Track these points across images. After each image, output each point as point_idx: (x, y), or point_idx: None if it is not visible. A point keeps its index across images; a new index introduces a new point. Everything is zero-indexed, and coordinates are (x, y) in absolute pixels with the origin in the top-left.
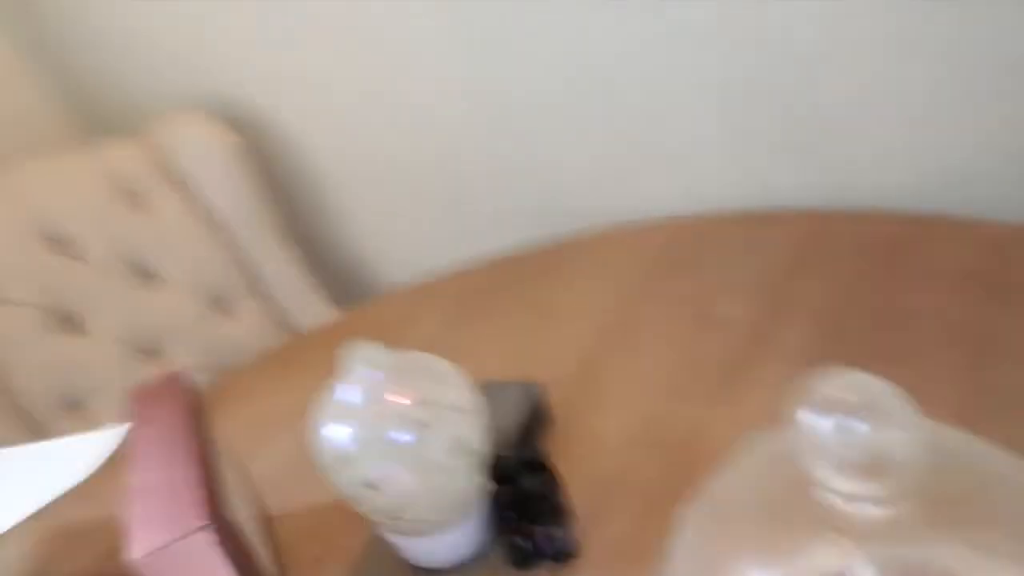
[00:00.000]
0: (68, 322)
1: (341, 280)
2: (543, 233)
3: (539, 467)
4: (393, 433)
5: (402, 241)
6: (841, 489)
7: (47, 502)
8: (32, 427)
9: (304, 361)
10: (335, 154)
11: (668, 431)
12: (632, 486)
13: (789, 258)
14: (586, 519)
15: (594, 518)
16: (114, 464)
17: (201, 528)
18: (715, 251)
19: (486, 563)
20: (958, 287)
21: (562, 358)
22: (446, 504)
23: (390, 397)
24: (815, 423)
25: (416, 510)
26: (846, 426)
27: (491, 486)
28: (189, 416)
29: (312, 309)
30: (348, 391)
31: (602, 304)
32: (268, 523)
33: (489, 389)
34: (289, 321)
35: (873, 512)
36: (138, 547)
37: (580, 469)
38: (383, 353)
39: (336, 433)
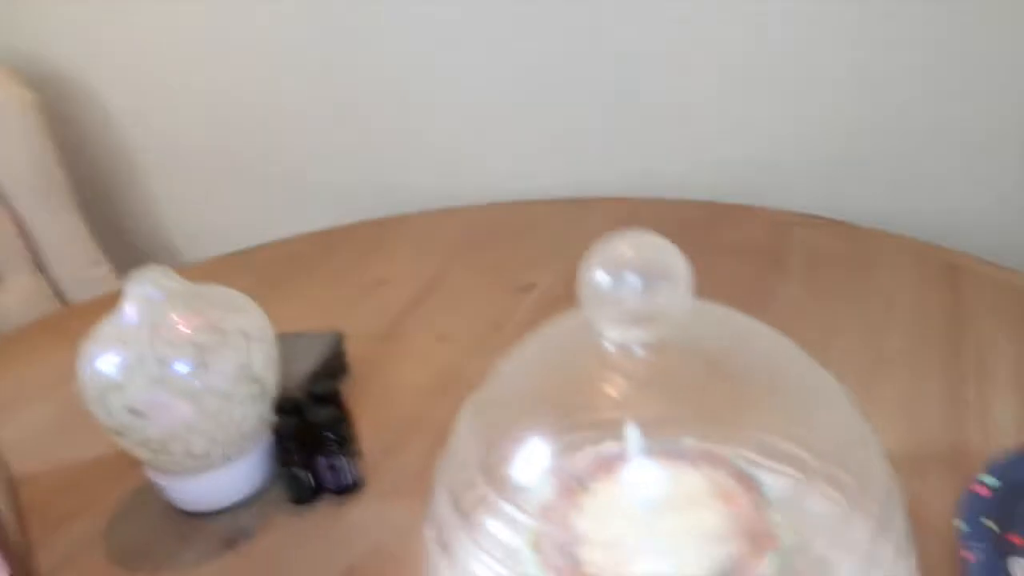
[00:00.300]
0: None
1: (141, 260)
2: (368, 215)
3: (326, 400)
4: (169, 359)
5: (214, 221)
6: (614, 337)
7: None
8: None
9: (74, 330)
10: (148, 123)
11: (463, 380)
12: (423, 428)
13: (600, 235)
14: (374, 456)
15: (382, 455)
16: None
17: None
18: (534, 230)
19: (263, 504)
20: (745, 259)
21: (369, 319)
22: (224, 436)
23: (170, 321)
24: (598, 276)
25: (189, 442)
26: (624, 279)
27: (274, 419)
28: None
29: (96, 286)
30: (123, 313)
31: (417, 274)
32: (11, 485)
33: (285, 338)
34: (68, 298)
35: (642, 357)
36: None
37: (373, 413)
38: (169, 277)
39: (104, 358)
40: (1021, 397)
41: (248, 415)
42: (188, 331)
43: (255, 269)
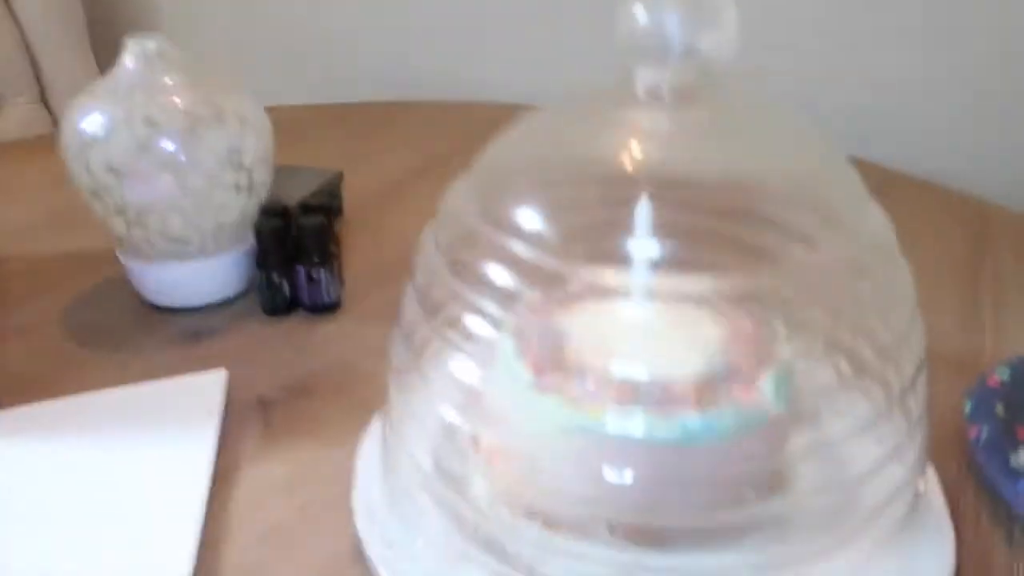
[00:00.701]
0: None
1: None
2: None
3: (317, 210)
4: (157, 122)
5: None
6: (645, 78)
7: None
8: None
9: None
10: None
11: None
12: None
13: None
14: (357, 287)
15: (366, 287)
16: None
17: None
18: None
19: (235, 310)
20: None
21: (371, 177)
22: (202, 221)
23: (165, 84)
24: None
25: (166, 220)
26: (661, 17)
27: (259, 219)
28: None
29: None
30: (119, 68)
31: (427, 149)
32: None
33: (283, 168)
34: None
35: (671, 106)
36: None
37: (362, 253)
38: (171, 46)
39: (93, 114)
40: None
41: (231, 205)
42: (182, 99)
43: None
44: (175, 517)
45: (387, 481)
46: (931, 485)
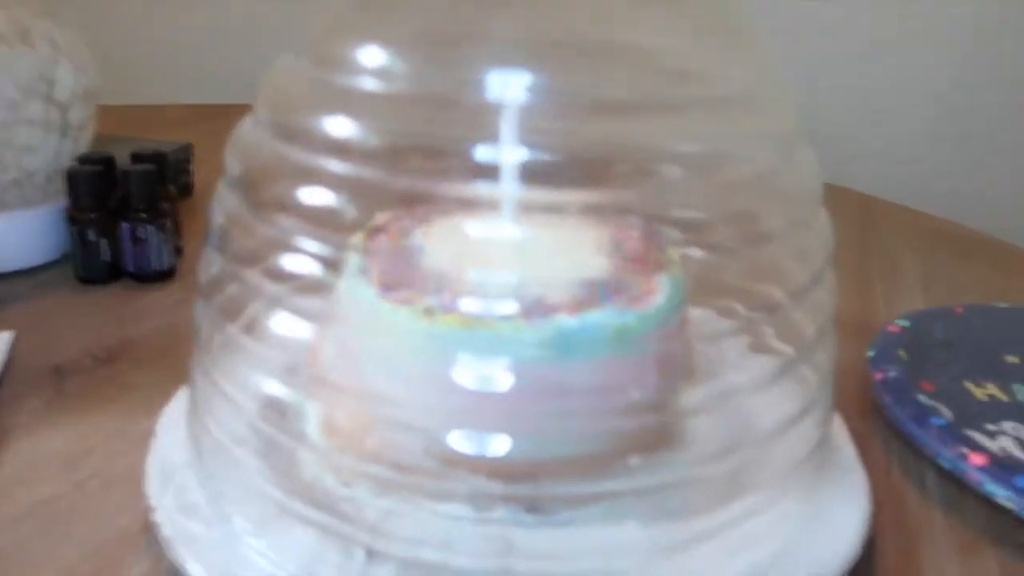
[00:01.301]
0: None
1: None
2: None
3: (149, 160)
4: None
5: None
6: None
7: None
8: None
9: None
10: None
11: None
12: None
13: None
14: (198, 257)
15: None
16: None
17: None
18: None
19: (44, 277)
20: None
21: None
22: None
23: None
24: None
25: None
26: None
27: (74, 164)
28: None
29: None
30: None
31: None
32: None
33: (122, 138)
34: None
35: None
36: None
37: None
38: None
39: None
40: (925, 297)
41: (37, 145)
42: None
43: (127, 119)
44: None
45: (193, 435)
46: (839, 432)
